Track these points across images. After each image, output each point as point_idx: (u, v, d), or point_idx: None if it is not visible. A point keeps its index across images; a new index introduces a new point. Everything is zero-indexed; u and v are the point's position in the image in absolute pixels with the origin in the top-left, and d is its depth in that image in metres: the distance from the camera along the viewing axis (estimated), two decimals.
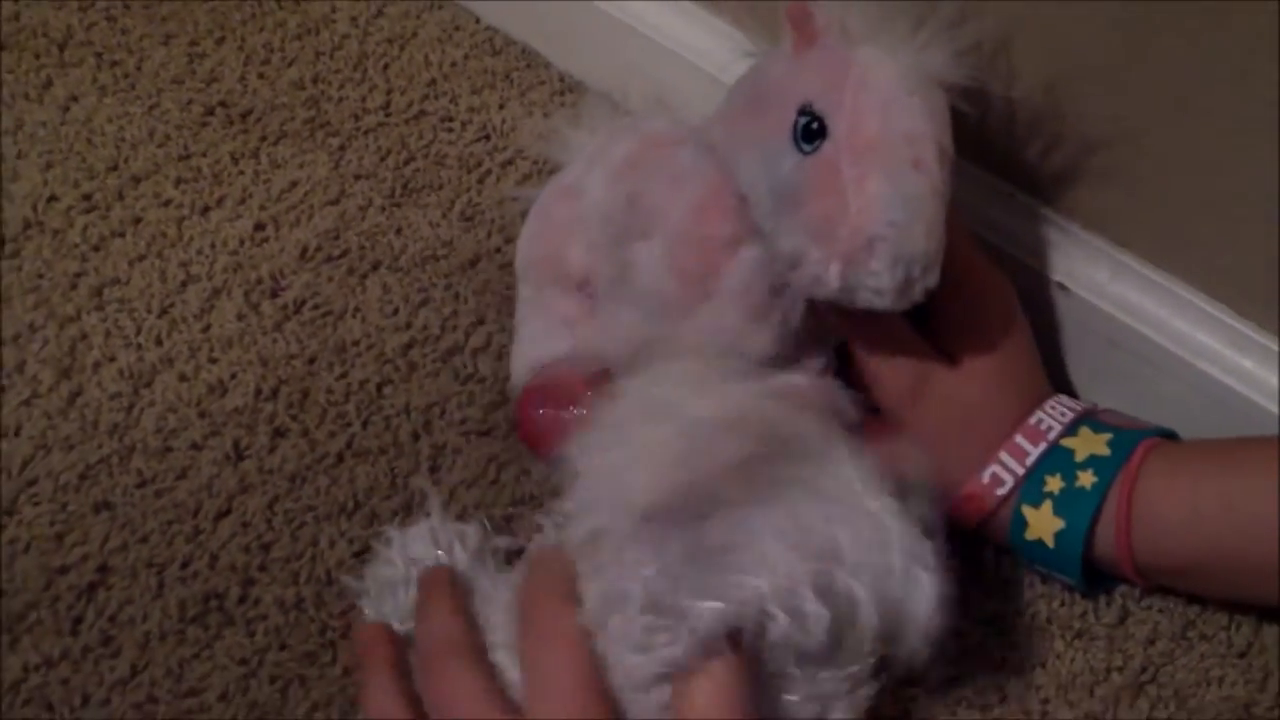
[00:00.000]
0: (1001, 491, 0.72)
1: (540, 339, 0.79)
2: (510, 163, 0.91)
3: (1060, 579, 0.74)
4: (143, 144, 0.92)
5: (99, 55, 0.96)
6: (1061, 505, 0.70)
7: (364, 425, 0.80)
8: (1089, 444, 0.71)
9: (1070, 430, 0.72)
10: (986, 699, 0.72)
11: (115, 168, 0.90)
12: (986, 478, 0.72)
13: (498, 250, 0.87)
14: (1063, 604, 0.75)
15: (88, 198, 0.89)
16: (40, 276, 0.85)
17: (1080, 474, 0.70)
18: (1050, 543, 0.71)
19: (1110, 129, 0.74)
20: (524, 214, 0.82)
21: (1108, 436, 0.71)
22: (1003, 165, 0.80)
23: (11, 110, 0.93)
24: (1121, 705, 0.71)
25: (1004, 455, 0.72)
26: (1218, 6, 0.65)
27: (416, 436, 0.79)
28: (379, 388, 0.81)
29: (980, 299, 0.74)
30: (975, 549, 0.76)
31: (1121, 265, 0.78)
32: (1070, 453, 0.71)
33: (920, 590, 0.59)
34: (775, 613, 0.57)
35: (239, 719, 0.70)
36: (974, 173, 0.81)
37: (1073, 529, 0.70)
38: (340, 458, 0.79)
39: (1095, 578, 0.73)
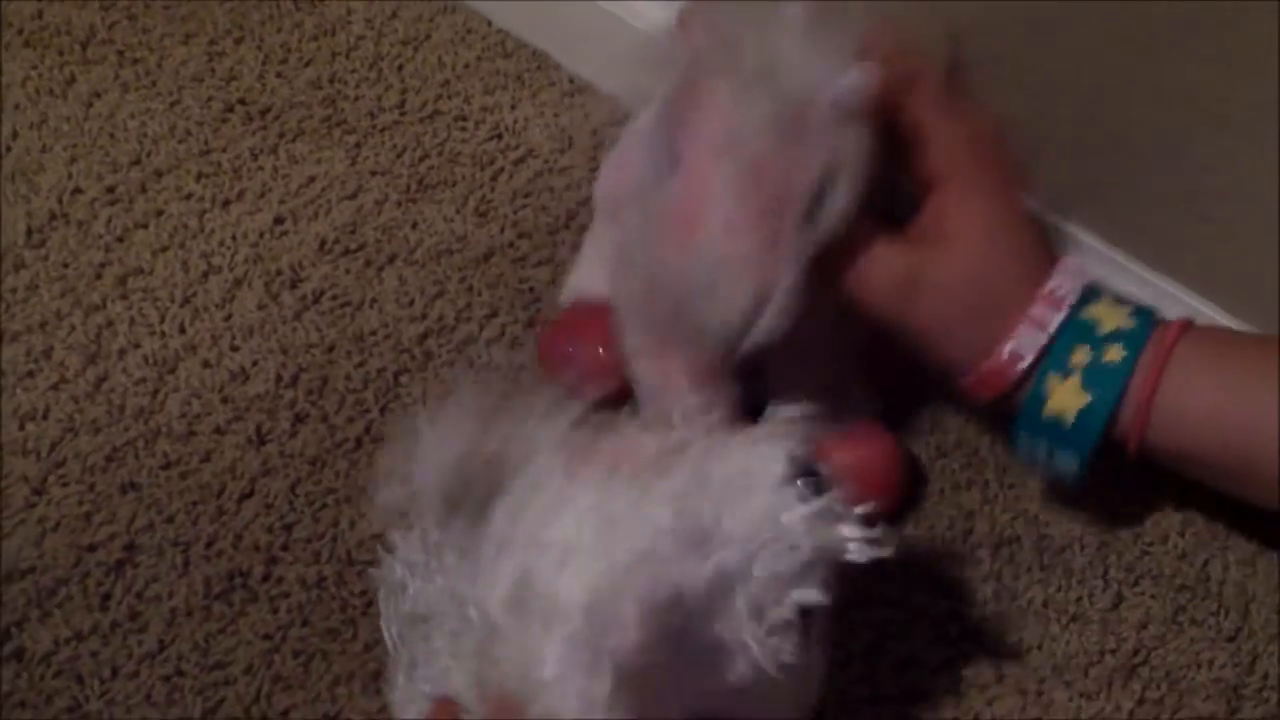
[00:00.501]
0: (1022, 366, 0.69)
1: (587, 270, 0.82)
2: (522, 160, 0.94)
3: (1056, 460, 0.71)
4: (164, 139, 0.94)
5: (121, 53, 0.98)
6: (1090, 379, 0.68)
7: (382, 412, 0.82)
8: (1113, 316, 0.69)
9: (1087, 299, 0.70)
10: (984, 679, 0.74)
11: (138, 162, 0.93)
12: (1005, 354, 0.69)
13: (510, 245, 0.89)
14: (1058, 589, 0.77)
15: (111, 190, 0.91)
16: (66, 266, 0.87)
17: (1108, 348, 0.68)
18: (1070, 419, 0.69)
19: (1102, 129, 0.76)
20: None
21: (1129, 308, 0.69)
22: None
23: (36, 105, 0.95)
24: (1115, 686, 0.74)
25: (1022, 328, 0.69)
26: (1216, 6, 0.67)
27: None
28: (396, 376, 0.84)
29: (953, 164, 0.71)
30: (969, 534, 0.78)
31: (1115, 264, 0.80)
32: (1093, 324, 0.69)
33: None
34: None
35: (264, 692, 0.72)
36: None
37: (1099, 404, 0.68)
38: (359, 443, 0.81)
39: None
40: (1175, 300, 0.78)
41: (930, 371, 0.73)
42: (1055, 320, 0.69)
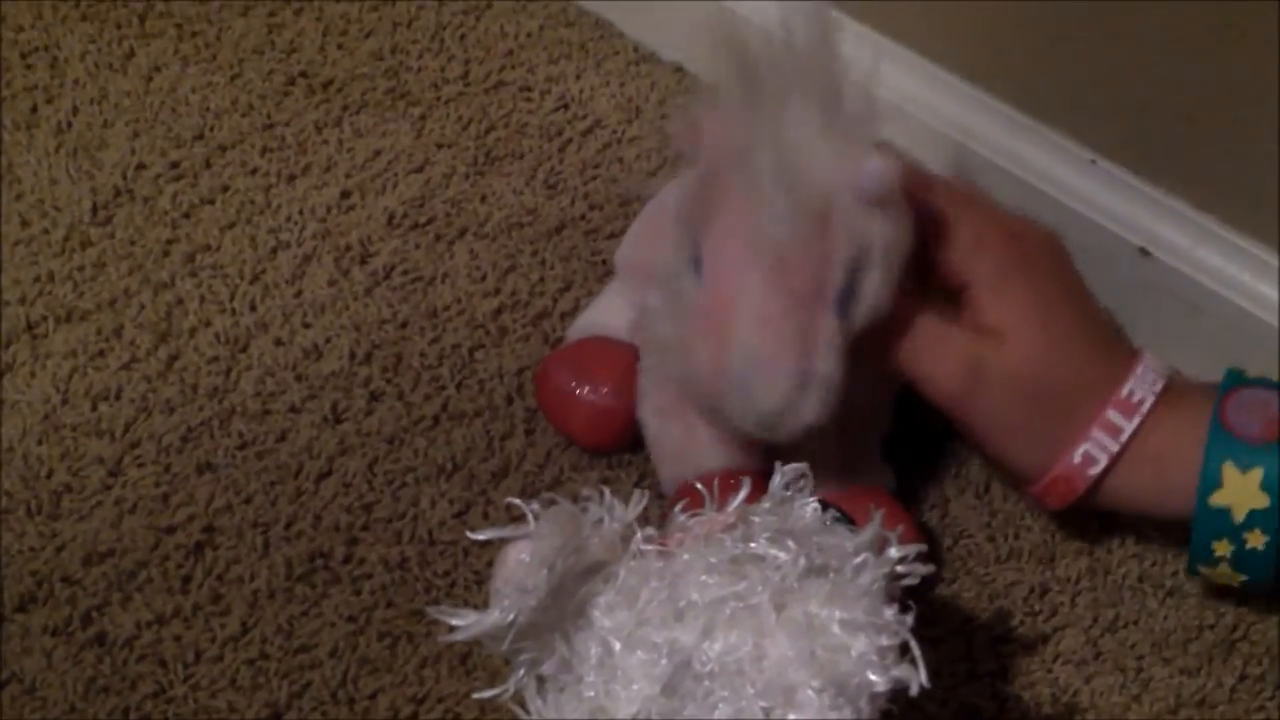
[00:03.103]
0: (1094, 471, 0.68)
1: (604, 309, 0.81)
2: (590, 131, 0.92)
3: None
4: (227, 113, 0.93)
5: (179, 26, 0.97)
6: (1240, 566, 0.68)
7: (458, 388, 0.81)
8: (1243, 493, 0.67)
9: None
10: (1082, 655, 0.73)
11: (201, 136, 0.91)
12: (1078, 457, 0.68)
13: (582, 217, 0.88)
14: (1154, 564, 0.76)
15: (175, 166, 0.90)
16: (133, 244, 0.86)
17: (1247, 536, 0.67)
18: (1237, 584, 0.70)
19: (1191, 93, 0.75)
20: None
21: (1258, 474, 0.66)
22: (1084, 131, 0.81)
23: (95, 80, 0.94)
24: (1215, 662, 0.73)
25: (1096, 432, 0.68)
26: None
27: (510, 400, 0.81)
28: (471, 352, 0.82)
29: (1011, 259, 0.69)
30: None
31: (1204, 230, 0.79)
32: (1227, 513, 0.67)
33: None
34: None
35: (350, 675, 0.71)
36: (1054, 139, 0.82)
37: (1256, 580, 0.69)
38: (436, 420, 0.80)
39: None
40: (1269, 266, 0.77)
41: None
42: (1129, 427, 0.68)
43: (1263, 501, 0.66)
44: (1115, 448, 0.68)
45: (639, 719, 0.53)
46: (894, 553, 0.56)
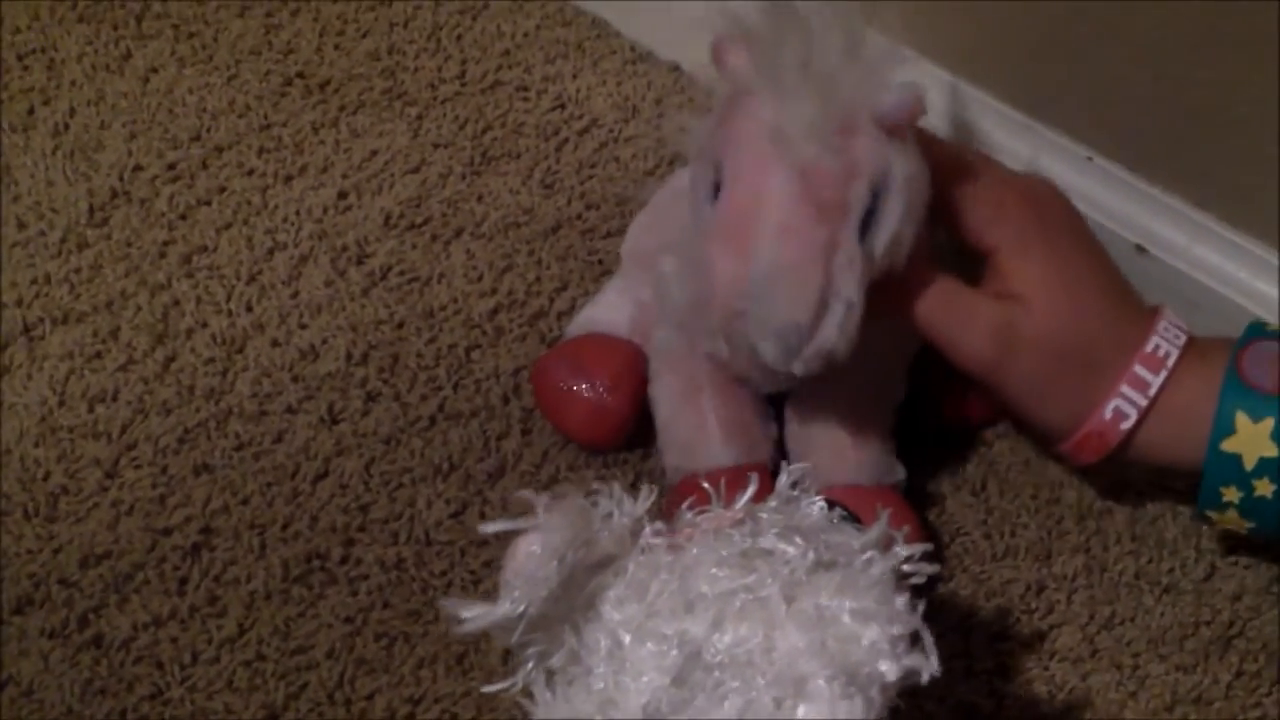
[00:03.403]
0: (1126, 425, 0.69)
1: (605, 304, 0.81)
2: (587, 131, 0.92)
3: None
4: (224, 114, 0.93)
5: (176, 27, 0.97)
6: (1246, 513, 0.69)
7: (455, 389, 0.81)
8: (1254, 440, 0.67)
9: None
10: (1079, 653, 0.73)
11: (198, 137, 0.91)
12: (1109, 413, 0.69)
13: (578, 217, 0.88)
14: (1150, 560, 0.76)
15: (172, 167, 0.90)
16: (129, 245, 0.86)
17: (1256, 484, 0.68)
18: (1244, 532, 0.70)
19: (1188, 91, 0.75)
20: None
21: (1271, 420, 0.67)
22: (1081, 128, 0.81)
23: (92, 82, 0.94)
24: (1211, 659, 0.73)
25: (1125, 388, 0.69)
26: None
27: (507, 399, 0.81)
28: (468, 352, 0.82)
29: (1031, 223, 0.70)
30: (1056, 504, 0.77)
31: (1201, 227, 0.79)
32: (1238, 460, 0.68)
33: None
34: None
35: (347, 676, 0.71)
36: (1051, 136, 0.82)
37: (1262, 528, 0.69)
38: (433, 420, 0.80)
39: None
40: (1265, 264, 0.77)
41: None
42: (1157, 381, 0.69)
43: (1273, 450, 0.67)
44: (1144, 402, 0.69)
45: (649, 710, 0.53)
46: (901, 551, 0.55)
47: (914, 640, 0.52)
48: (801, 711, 0.51)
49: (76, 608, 0.73)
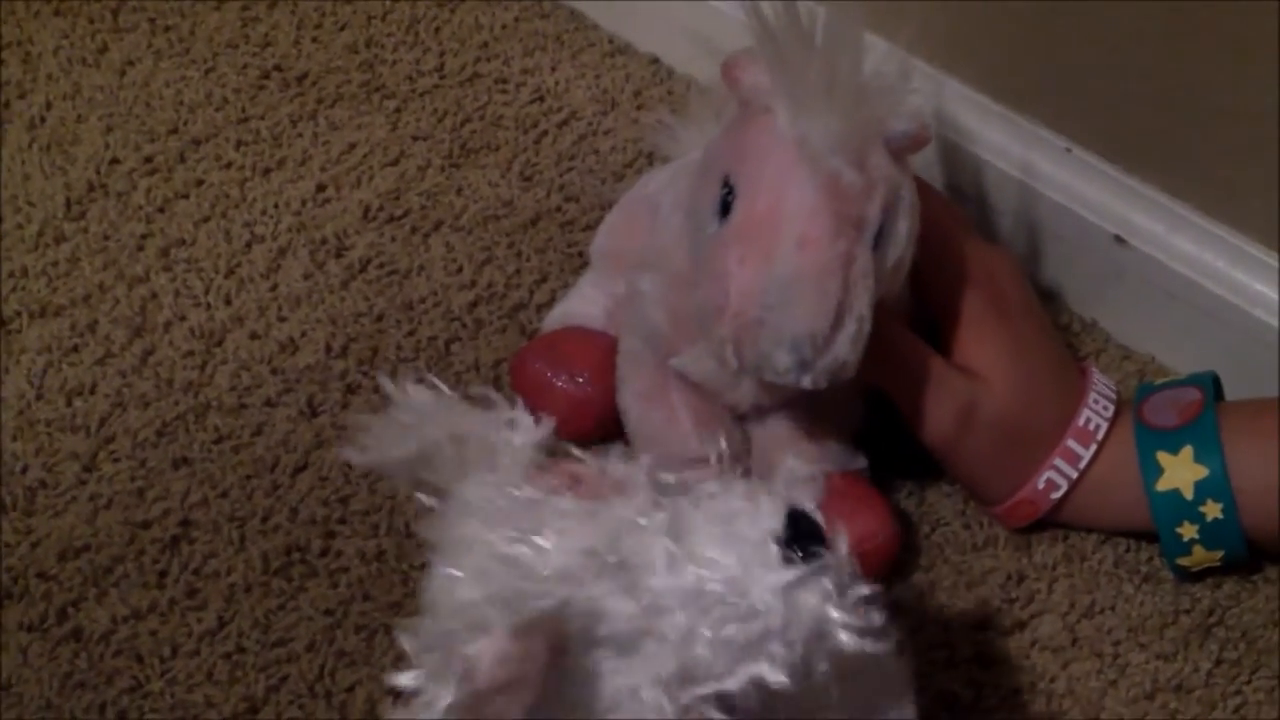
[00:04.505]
0: (1056, 495, 0.73)
1: (580, 299, 0.81)
2: (565, 123, 0.92)
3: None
4: (201, 107, 0.92)
5: (153, 20, 0.97)
6: (1211, 542, 0.71)
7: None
8: (1181, 469, 0.70)
9: (1149, 441, 0.72)
10: (1059, 641, 0.73)
11: (175, 130, 0.91)
12: (1041, 483, 0.73)
13: (557, 209, 0.88)
14: (1129, 549, 0.76)
15: (149, 160, 0.90)
16: (107, 238, 0.86)
17: (1204, 509, 0.71)
18: (1217, 563, 0.72)
19: (1166, 82, 0.75)
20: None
21: (1190, 449, 0.71)
22: (1059, 120, 0.81)
23: (69, 75, 0.94)
24: (1191, 647, 0.73)
25: (1058, 460, 0.72)
26: None
27: None
28: (447, 344, 0.82)
29: (992, 300, 0.73)
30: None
31: (1179, 217, 0.79)
32: (1177, 496, 0.71)
33: None
34: None
35: (327, 668, 0.71)
36: (1030, 128, 0.82)
37: (1232, 554, 0.72)
38: None
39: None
40: (1242, 253, 0.77)
41: None
42: (1087, 455, 0.72)
43: (1202, 472, 0.70)
44: (1074, 474, 0.73)
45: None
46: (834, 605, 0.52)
47: None
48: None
49: (55, 601, 0.72)
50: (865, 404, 0.76)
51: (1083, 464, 0.72)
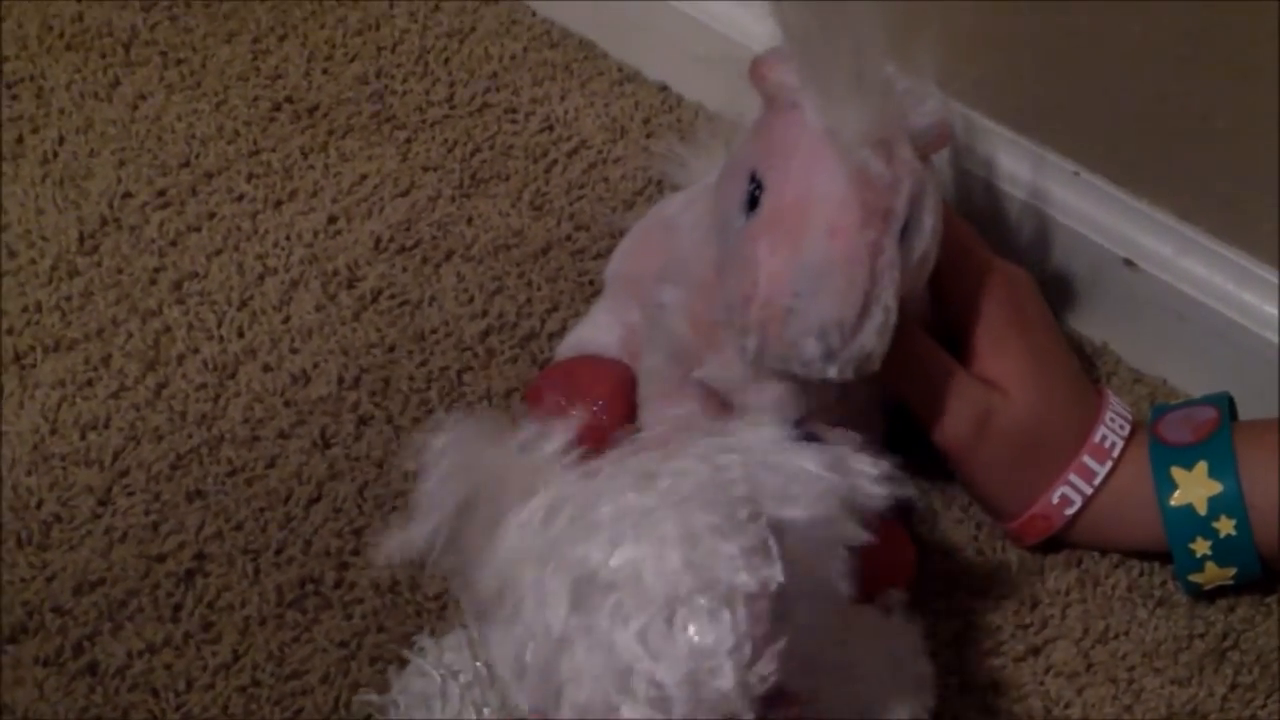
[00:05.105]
0: (1070, 511, 0.73)
1: (594, 326, 0.81)
2: (575, 152, 0.93)
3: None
4: (212, 140, 0.93)
5: (164, 54, 0.97)
6: (1223, 558, 0.71)
7: (447, 411, 0.81)
8: (1195, 485, 0.71)
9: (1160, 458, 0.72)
10: (1074, 667, 0.73)
11: (187, 164, 0.92)
12: (1056, 498, 0.73)
13: (568, 238, 0.88)
14: (1142, 573, 0.76)
15: (162, 194, 0.90)
16: (120, 272, 0.86)
17: (1218, 525, 0.71)
18: (1230, 579, 0.72)
19: (1174, 105, 0.75)
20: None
21: (1204, 464, 0.71)
22: (1067, 144, 0.81)
23: (81, 109, 0.94)
24: (1206, 671, 0.73)
25: (1073, 476, 0.73)
26: None
27: None
28: (459, 374, 0.82)
29: (1012, 313, 0.74)
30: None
31: (1188, 240, 0.79)
32: (1190, 511, 0.71)
33: None
34: None
35: (342, 700, 0.71)
36: (1038, 152, 0.82)
37: (1246, 570, 0.72)
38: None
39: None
40: (1251, 275, 0.77)
41: None
42: (1102, 471, 0.72)
43: (1216, 488, 0.70)
44: (1089, 490, 0.73)
45: (563, 637, 0.53)
46: (859, 466, 0.56)
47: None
48: (692, 629, 0.51)
49: (70, 636, 0.73)
50: (885, 418, 0.76)
51: (1098, 480, 0.72)
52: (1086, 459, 0.73)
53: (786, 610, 0.53)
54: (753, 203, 0.64)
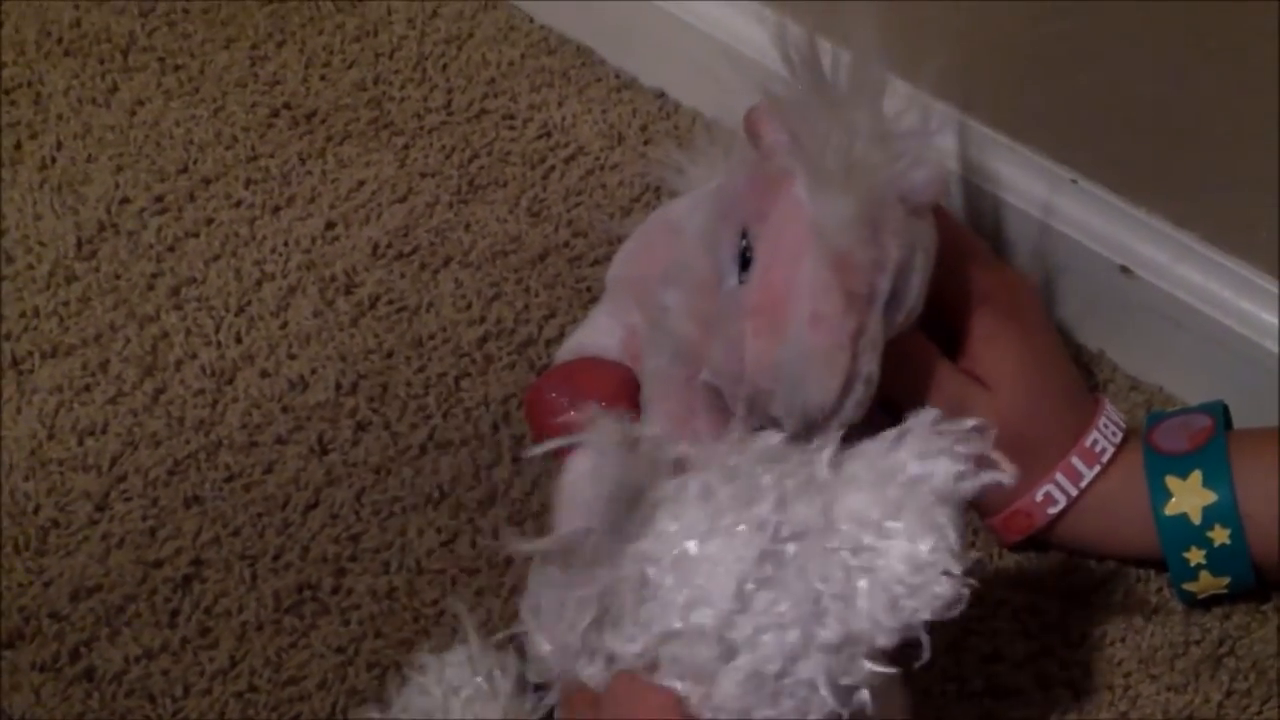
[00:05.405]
0: (1053, 510, 0.73)
1: (594, 329, 0.81)
2: (573, 158, 0.93)
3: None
4: (210, 146, 0.93)
5: (162, 60, 0.97)
6: (1218, 568, 0.72)
7: (444, 417, 0.81)
8: (1190, 494, 0.71)
9: (1156, 466, 0.72)
10: (1070, 673, 0.73)
11: (185, 170, 0.92)
12: (1039, 496, 0.73)
13: (565, 244, 0.88)
14: (1138, 580, 0.76)
15: (159, 199, 0.90)
16: (118, 278, 0.86)
17: (1212, 535, 0.71)
18: (1223, 589, 0.73)
19: (1171, 113, 0.75)
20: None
21: (1199, 473, 0.71)
22: (1064, 151, 0.81)
23: (79, 115, 0.94)
24: (1202, 678, 0.73)
25: (1059, 475, 0.73)
26: None
27: (496, 428, 0.81)
28: (457, 380, 0.83)
29: (1010, 317, 0.74)
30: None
31: (1184, 247, 0.79)
32: (1185, 521, 0.71)
33: None
34: None
35: (339, 706, 0.71)
36: (1035, 160, 0.82)
37: (1239, 581, 0.72)
38: (423, 449, 0.80)
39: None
40: (1248, 282, 0.77)
41: None
42: (1089, 474, 0.73)
43: (1210, 497, 0.70)
44: (1074, 492, 0.73)
45: (739, 594, 0.56)
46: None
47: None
48: (890, 545, 0.55)
49: (68, 641, 0.73)
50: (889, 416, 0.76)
51: (1084, 482, 0.73)
52: (1074, 460, 0.73)
53: None
54: (745, 262, 0.65)
